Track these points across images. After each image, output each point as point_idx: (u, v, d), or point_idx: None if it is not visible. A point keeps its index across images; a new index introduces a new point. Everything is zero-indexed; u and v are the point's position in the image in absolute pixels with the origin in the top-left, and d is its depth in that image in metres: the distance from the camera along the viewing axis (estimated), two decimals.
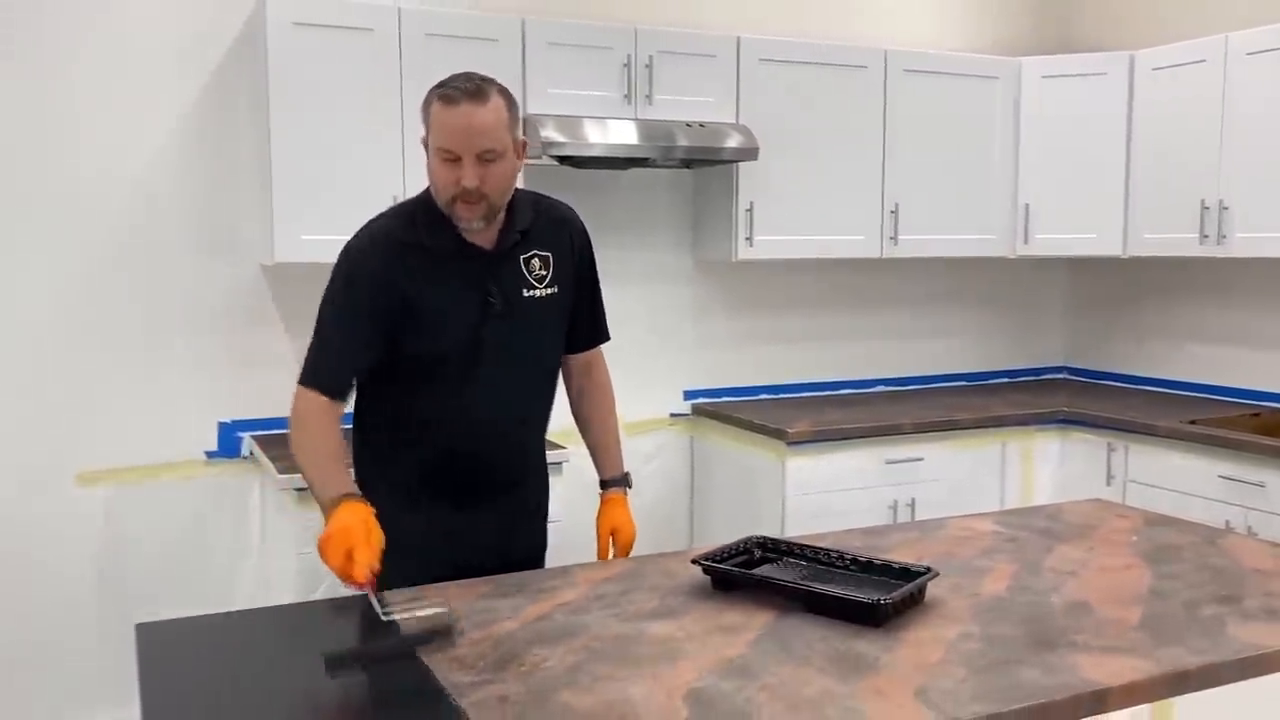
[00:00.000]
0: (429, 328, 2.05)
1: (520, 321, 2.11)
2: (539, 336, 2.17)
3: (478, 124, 1.95)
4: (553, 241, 2.17)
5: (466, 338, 2.06)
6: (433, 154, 1.99)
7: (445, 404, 2.09)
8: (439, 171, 1.99)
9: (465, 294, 2.06)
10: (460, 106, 1.94)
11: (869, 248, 4.12)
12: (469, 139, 1.95)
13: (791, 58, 3.92)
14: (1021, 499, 4.05)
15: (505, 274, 2.10)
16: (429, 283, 2.04)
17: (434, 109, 1.98)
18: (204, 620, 1.89)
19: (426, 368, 2.07)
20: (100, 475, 3.39)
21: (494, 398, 2.11)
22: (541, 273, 2.13)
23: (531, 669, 1.59)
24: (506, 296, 2.09)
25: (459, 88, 1.96)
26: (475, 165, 1.96)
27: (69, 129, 3.29)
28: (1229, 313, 4.27)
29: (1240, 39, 3.77)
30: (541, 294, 2.13)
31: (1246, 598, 1.89)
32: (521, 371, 2.15)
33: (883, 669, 1.58)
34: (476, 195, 1.98)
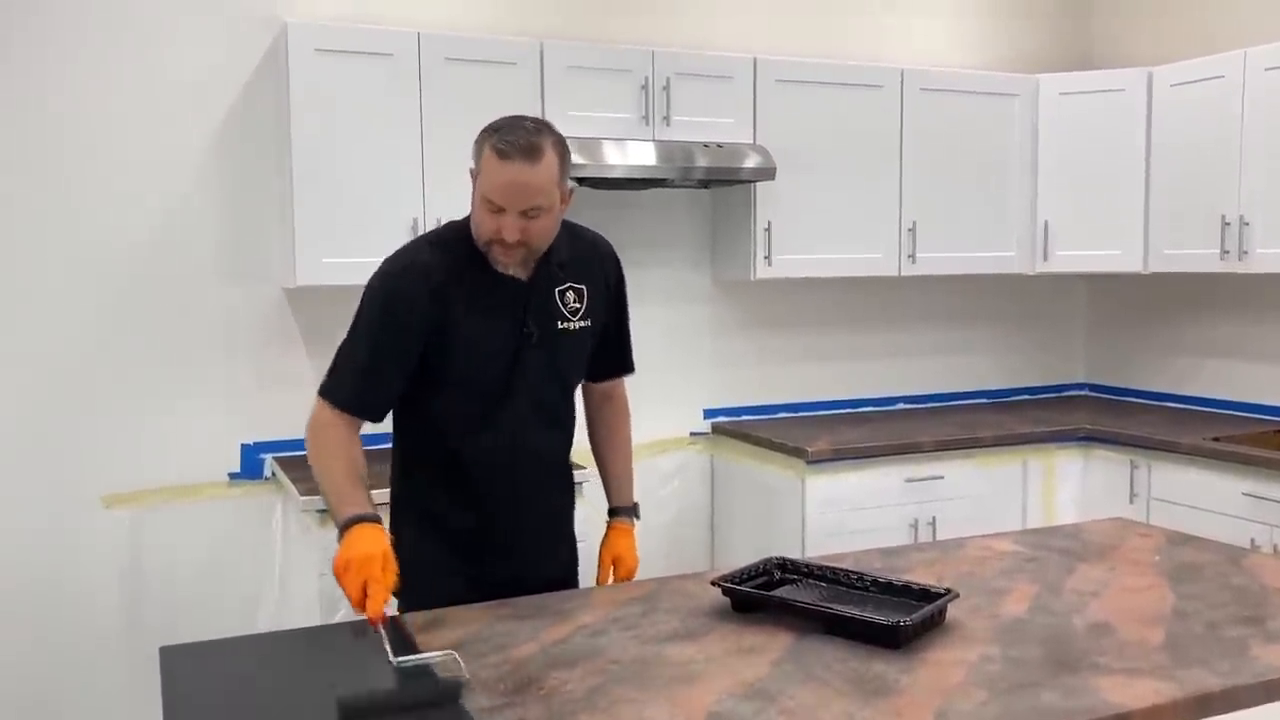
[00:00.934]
0: (463, 355, 2.05)
1: (552, 353, 2.12)
2: (568, 368, 2.18)
3: (527, 183, 1.93)
4: (587, 274, 2.17)
5: (501, 366, 2.07)
6: (480, 197, 1.98)
7: (474, 436, 2.09)
8: (482, 216, 1.98)
9: (500, 323, 2.06)
10: (513, 163, 1.92)
11: (887, 266, 4.12)
12: (516, 197, 1.93)
13: (808, 78, 3.94)
14: (1043, 517, 4.03)
15: (539, 306, 2.10)
16: (464, 310, 2.03)
17: (486, 156, 1.95)
18: (227, 643, 1.90)
19: (460, 395, 2.07)
20: (125, 497, 3.42)
21: (524, 425, 2.12)
22: (575, 305, 2.14)
23: (551, 692, 1.59)
24: (541, 328, 2.09)
25: (514, 143, 1.92)
26: (518, 219, 1.95)
27: (95, 154, 3.33)
28: (1251, 328, 4.24)
29: (1258, 54, 3.76)
30: (574, 327, 2.14)
31: (1270, 618, 1.87)
32: (549, 400, 2.17)
33: (903, 691, 1.58)
34: (516, 245, 1.98)
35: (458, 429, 2.09)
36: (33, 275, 3.30)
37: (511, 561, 2.16)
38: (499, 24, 3.76)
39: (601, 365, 2.28)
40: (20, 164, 3.26)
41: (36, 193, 3.28)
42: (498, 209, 1.95)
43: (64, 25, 3.27)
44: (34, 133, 3.27)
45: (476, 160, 1.99)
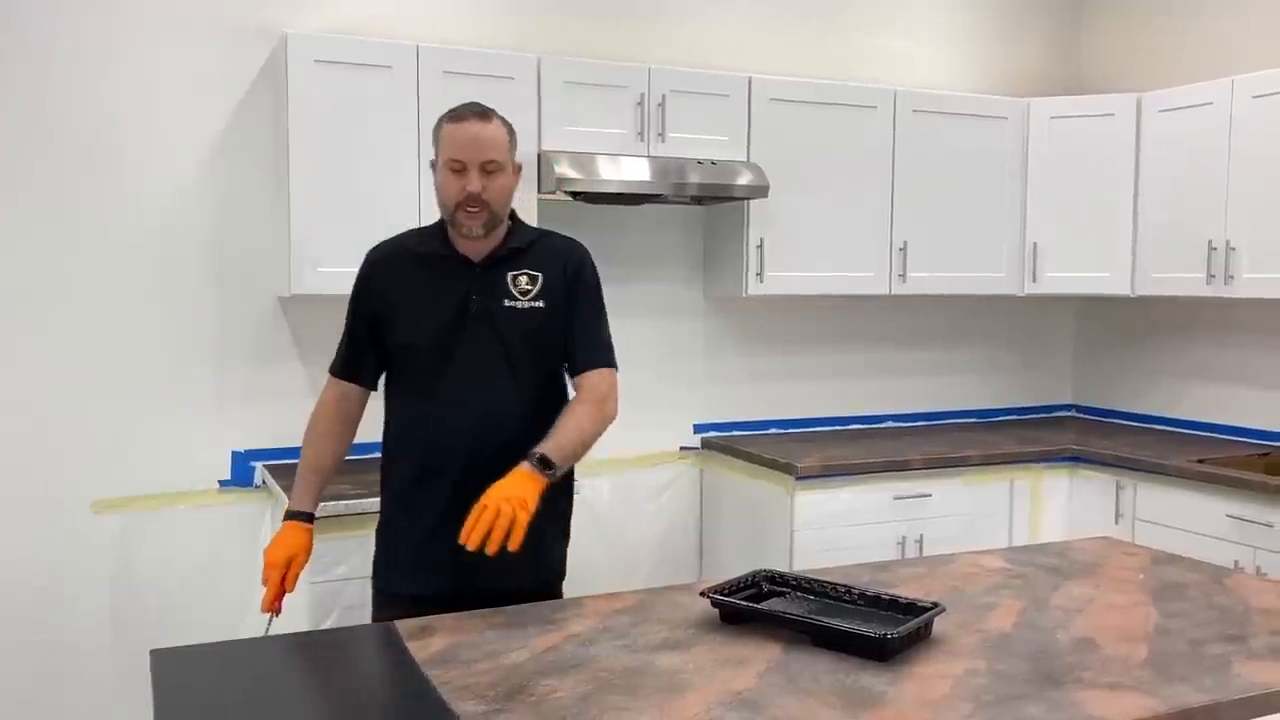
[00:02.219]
0: (404, 323, 2.27)
1: (498, 328, 2.24)
2: (516, 345, 2.24)
3: (483, 137, 2.20)
4: (546, 264, 2.31)
5: (440, 336, 2.23)
6: (441, 167, 2.22)
7: (423, 404, 2.25)
8: (446, 181, 2.21)
9: (446, 297, 2.24)
10: (468, 123, 2.21)
11: (878, 285, 4.15)
12: (475, 150, 2.19)
13: (802, 98, 3.98)
14: (1030, 536, 4.05)
15: (489, 284, 2.25)
16: (412, 283, 2.28)
17: (444, 128, 2.24)
18: (218, 647, 1.91)
19: (403, 364, 2.29)
20: (115, 503, 3.42)
21: (467, 401, 2.22)
22: (527, 287, 2.27)
23: (541, 699, 1.61)
24: (486, 304, 2.24)
25: (467, 108, 2.25)
26: (480, 174, 2.19)
27: (92, 161, 3.35)
28: (1237, 352, 4.29)
29: (1246, 82, 3.81)
30: (524, 305, 2.26)
31: (1252, 637, 1.90)
32: (497, 380, 2.23)
33: (889, 703, 1.60)
34: (479, 202, 2.19)
35: (406, 399, 2.29)
36: (26, 280, 3.30)
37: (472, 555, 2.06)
38: (497, 38, 3.79)
39: (575, 356, 2.31)
40: (17, 171, 3.27)
41: (32, 199, 3.29)
42: (460, 168, 2.18)
43: (63, 34, 3.29)
44: (31, 140, 3.28)
45: (436, 141, 2.26)
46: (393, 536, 2.32)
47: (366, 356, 2.35)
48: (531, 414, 2.25)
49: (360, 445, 3.82)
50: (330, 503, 3.03)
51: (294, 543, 2.27)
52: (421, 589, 2.21)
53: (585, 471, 3.00)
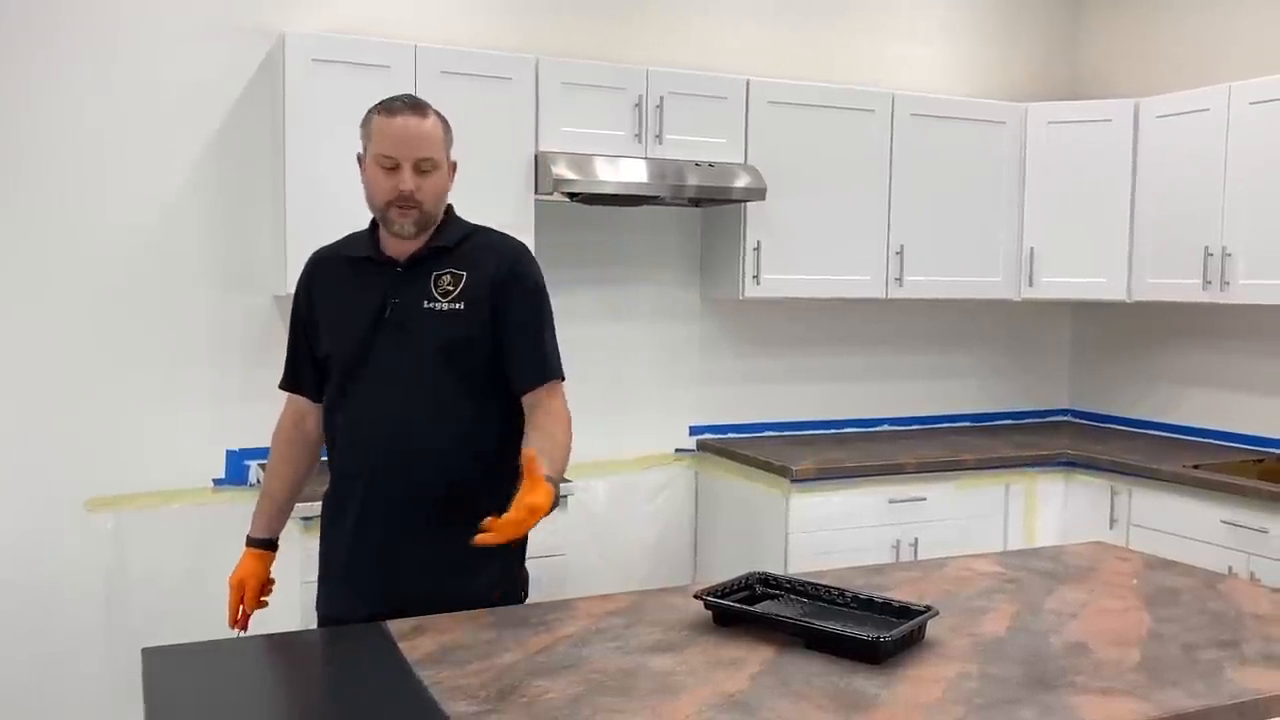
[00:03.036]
0: (327, 332, 2.19)
1: (414, 332, 2.10)
2: (429, 347, 2.10)
3: (417, 133, 2.08)
4: (474, 263, 2.14)
5: (356, 341, 2.13)
6: (371, 162, 2.11)
7: (339, 415, 2.17)
8: (377, 179, 2.10)
9: (364, 301, 2.14)
10: (401, 117, 2.08)
11: (874, 288, 4.16)
12: (409, 147, 2.07)
13: (800, 101, 3.98)
14: (1024, 541, 4.05)
15: (410, 287, 2.13)
16: (336, 290, 2.20)
17: (375, 121, 2.11)
18: (210, 646, 1.91)
19: (329, 373, 2.20)
20: (108, 501, 3.41)
21: (384, 407, 2.11)
22: (449, 288, 2.12)
23: (533, 700, 1.60)
24: (405, 307, 2.11)
25: (401, 101, 2.12)
26: (413, 173, 2.08)
27: (89, 160, 3.34)
28: (1232, 358, 4.29)
29: (1243, 89, 3.82)
30: (443, 307, 2.10)
31: (1245, 642, 1.90)
32: (415, 385, 2.10)
33: (881, 706, 1.60)
34: (412, 201, 2.08)
35: (328, 412, 2.21)
36: (22, 279, 3.30)
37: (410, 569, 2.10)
38: (496, 39, 3.79)
39: (516, 372, 2.14)
40: (12, 169, 3.26)
41: (28, 198, 3.29)
42: (392, 165, 2.07)
43: (60, 33, 3.29)
44: (27, 138, 3.27)
45: (365, 134, 2.13)
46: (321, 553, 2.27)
47: (306, 368, 2.26)
48: (453, 424, 2.11)
49: None
50: (320, 503, 3.02)
51: (246, 569, 2.31)
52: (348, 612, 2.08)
53: (581, 473, 2.99)
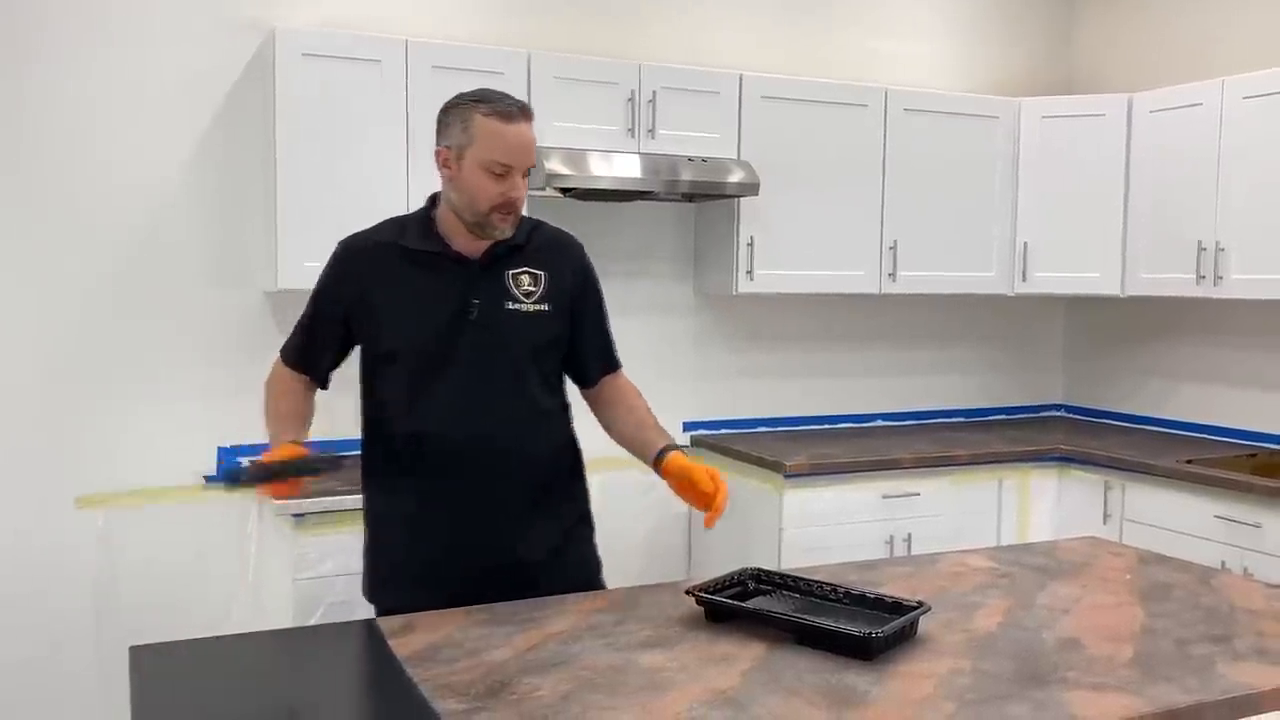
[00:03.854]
0: (391, 325, 2.11)
1: (500, 333, 2.11)
2: (519, 349, 2.13)
3: (530, 140, 2.06)
4: (548, 262, 2.18)
5: (436, 338, 2.09)
6: (477, 166, 2.03)
7: (420, 419, 2.10)
8: (483, 184, 2.03)
9: (439, 298, 2.10)
10: (518, 124, 2.04)
11: (868, 283, 4.15)
12: (524, 154, 2.05)
13: (793, 95, 3.97)
14: (1018, 536, 4.05)
15: (488, 285, 2.11)
16: (399, 283, 2.11)
17: (485, 123, 2.02)
18: (198, 644, 1.90)
19: (388, 373, 2.13)
20: (98, 499, 3.40)
21: (476, 407, 2.10)
22: (530, 289, 2.14)
23: (523, 697, 1.59)
24: (487, 307, 2.10)
25: (510, 104, 2.05)
26: (520, 178, 2.05)
27: (78, 155, 3.32)
28: (1226, 353, 4.29)
29: (1236, 83, 3.81)
30: (528, 308, 2.13)
31: (1238, 637, 1.89)
32: (506, 385, 2.12)
33: (873, 702, 1.59)
34: (516, 206, 2.07)
35: (396, 408, 2.13)
36: (11, 275, 3.28)
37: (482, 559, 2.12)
38: (487, 33, 3.77)
39: (588, 365, 2.27)
40: (1, 165, 3.24)
41: (16, 193, 3.27)
42: (504, 171, 2.02)
43: (49, 26, 3.27)
44: (16, 133, 3.25)
45: (462, 133, 2.04)
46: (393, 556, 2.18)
47: (326, 354, 2.21)
48: (541, 421, 2.19)
49: (342, 441, 3.80)
50: (313, 499, 3.02)
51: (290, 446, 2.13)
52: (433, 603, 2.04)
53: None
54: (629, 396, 2.30)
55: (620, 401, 2.29)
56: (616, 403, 2.29)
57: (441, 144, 2.09)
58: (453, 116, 2.07)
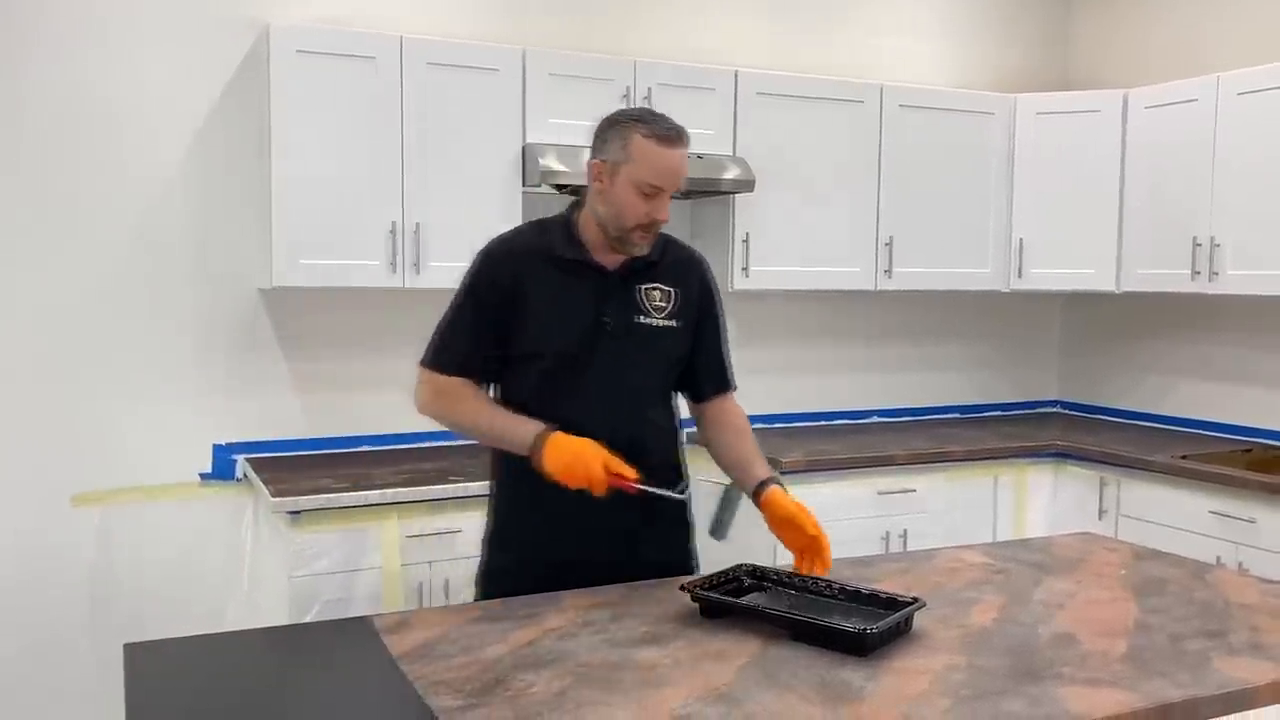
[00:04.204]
0: (537, 328, 2.14)
1: (632, 348, 2.17)
2: (648, 363, 2.21)
3: (684, 165, 2.11)
4: (678, 279, 2.24)
5: (575, 346, 2.14)
6: (630, 185, 2.07)
7: (551, 410, 2.12)
8: (633, 202, 2.08)
9: (577, 306, 2.15)
10: (677, 150, 2.08)
11: (864, 280, 4.15)
12: (676, 178, 2.09)
13: (788, 92, 3.97)
14: (1014, 532, 4.05)
15: (622, 298, 2.17)
16: (550, 288, 2.15)
17: (644, 145, 2.06)
18: (193, 641, 1.89)
19: (531, 369, 2.16)
20: (95, 497, 3.39)
21: (606, 415, 2.14)
22: (661, 304, 2.20)
23: (518, 694, 1.59)
24: (620, 319, 2.16)
25: (673, 129, 2.09)
26: (668, 201, 2.11)
27: (73, 153, 3.32)
28: (1221, 349, 4.30)
29: (1231, 79, 3.82)
30: (658, 323, 2.19)
31: (1232, 632, 1.89)
32: (625, 393, 2.18)
33: (867, 698, 1.59)
34: (658, 227, 2.13)
35: (539, 401, 2.14)
36: (6, 273, 3.27)
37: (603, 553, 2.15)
38: (482, 30, 3.77)
39: (702, 383, 2.32)
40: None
41: (11, 190, 3.26)
42: (654, 192, 2.07)
43: (44, 24, 3.26)
44: (10, 131, 3.25)
45: (620, 150, 2.08)
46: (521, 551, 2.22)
47: (485, 357, 2.18)
48: (661, 432, 2.25)
49: (339, 439, 3.80)
50: (309, 497, 3.02)
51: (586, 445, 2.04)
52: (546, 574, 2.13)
53: None
54: (736, 420, 2.34)
55: (728, 425, 2.33)
56: (724, 425, 2.33)
57: (597, 157, 2.13)
58: (612, 133, 2.11)
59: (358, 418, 3.71)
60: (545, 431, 2.06)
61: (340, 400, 3.69)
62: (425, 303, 3.76)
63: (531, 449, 2.06)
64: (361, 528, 3.08)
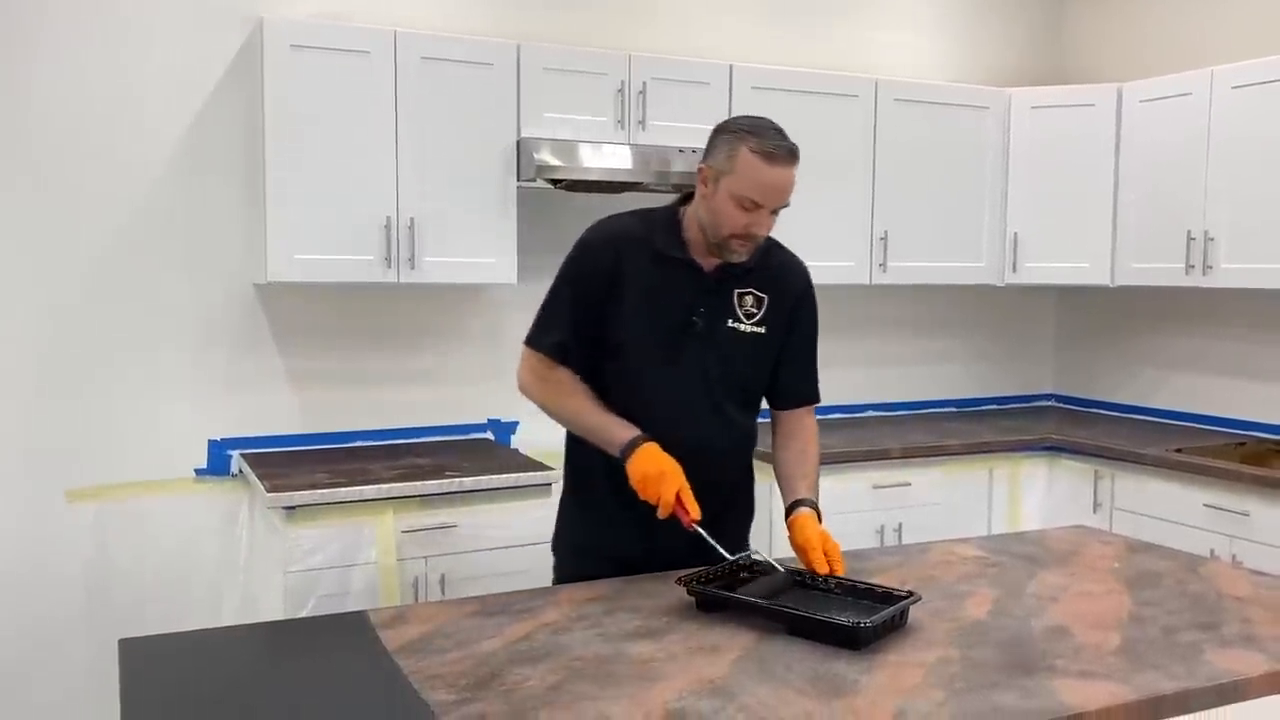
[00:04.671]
0: (631, 319, 2.16)
1: (718, 350, 2.18)
2: (733, 368, 2.21)
3: (787, 184, 2.09)
4: (772, 286, 2.24)
5: (665, 343, 2.16)
6: (730, 196, 2.07)
7: (646, 406, 2.15)
8: (731, 213, 2.08)
9: (671, 303, 2.16)
10: (781, 167, 2.06)
11: (858, 274, 4.15)
12: (778, 196, 2.08)
13: (783, 86, 3.96)
14: (1009, 525, 4.06)
15: (715, 300, 2.18)
16: (647, 281, 2.15)
17: (749, 160, 2.05)
18: (188, 636, 1.89)
19: (616, 357, 2.17)
20: (90, 492, 3.39)
21: (686, 412, 2.17)
22: (753, 310, 2.21)
23: (513, 688, 1.60)
24: (710, 322, 2.17)
25: (782, 146, 2.07)
26: (769, 215, 2.10)
27: (66, 147, 3.31)
28: (1215, 342, 4.30)
29: (1226, 73, 3.82)
30: (746, 329, 2.20)
31: (1225, 624, 1.90)
32: (706, 394, 2.19)
33: (861, 691, 1.59)
34: (757, 240, 2.13)
35: (619, 401, 2.17)
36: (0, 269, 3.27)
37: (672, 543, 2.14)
38: (477, 24, 3.76)
39: (787, 390, 2.32)
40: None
41: (4, 184, 3.25)
42: (754, 207, 2.06)
43: (36, 17, 3.25)
44: (4, 125, 3.23)
45: (726, 160, 2.08)
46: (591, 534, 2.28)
47: (582, 344, 2.19)
48: (738, 434, 2.26)
49: (334, 434, 3.80)
50: (305, 493, 3.02)
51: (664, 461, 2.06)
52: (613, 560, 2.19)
53: None
54: (804, 437, 2.32)
55: (796, 438, 2.31)
56: (792, 439, 2.31)
57: (705, 162, 2.13)
58: (721, 140, 2.11)
59: (353, 413, 3.71)
60: (640, 438, 2.09)
61: (335, 396, 3.69)
62: (420, 298, 3.80)
63: (622, 451, 2.09)
64: (357, 523, 3.08)
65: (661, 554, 2.16)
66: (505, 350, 3.80)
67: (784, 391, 2.33)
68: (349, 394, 3.70)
